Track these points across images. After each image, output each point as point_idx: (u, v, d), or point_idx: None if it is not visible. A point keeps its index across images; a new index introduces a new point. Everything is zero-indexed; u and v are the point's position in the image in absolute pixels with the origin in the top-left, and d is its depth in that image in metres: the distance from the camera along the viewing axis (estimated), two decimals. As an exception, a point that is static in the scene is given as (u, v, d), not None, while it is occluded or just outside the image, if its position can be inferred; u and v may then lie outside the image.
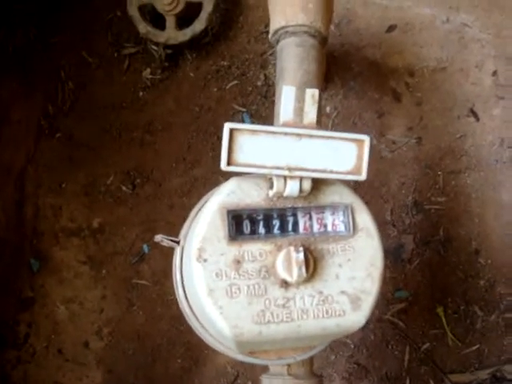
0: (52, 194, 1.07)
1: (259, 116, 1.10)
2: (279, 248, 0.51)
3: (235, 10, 1.14)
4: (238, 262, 0.50)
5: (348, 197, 0.55)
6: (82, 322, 1.04)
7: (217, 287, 0.49)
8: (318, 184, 0.53)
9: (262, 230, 0.52)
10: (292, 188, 0.51)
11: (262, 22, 1.12)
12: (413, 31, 1.14)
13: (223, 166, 0.50)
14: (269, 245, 0.51)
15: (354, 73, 1.12)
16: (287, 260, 0.50)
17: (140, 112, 1.10)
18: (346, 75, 1.12)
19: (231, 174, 0.51)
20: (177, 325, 1.03)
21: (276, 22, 0.74)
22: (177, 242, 0.63)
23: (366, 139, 0.52)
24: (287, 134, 0.51)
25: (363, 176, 0.53)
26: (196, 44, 1.11)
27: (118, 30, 1.12)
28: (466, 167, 1.10)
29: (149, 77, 1.10)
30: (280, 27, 0.73)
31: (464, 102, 1.12)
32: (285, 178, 0.51)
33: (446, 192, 1.09)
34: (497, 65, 1.13)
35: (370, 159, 0.52)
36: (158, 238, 0.62)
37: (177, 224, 0.69)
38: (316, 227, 0.53)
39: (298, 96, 0.52)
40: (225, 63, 1.12)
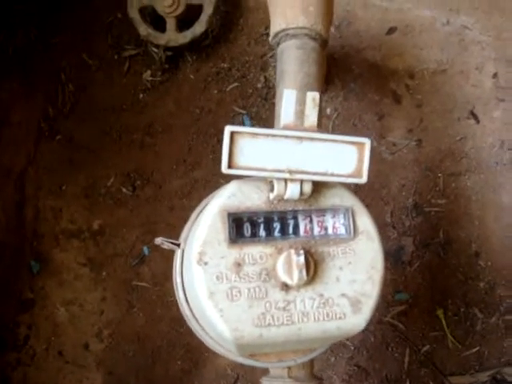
0: (52, 196, 1.07)
1: (259, 118, 1.10)
2: (280, 251, 0.51)
3: (235, 13, 1.14)
4: (238, 265, 0.50)
5: (348, 199, 0.55)
6: (82, 323, 1.04)
7: (217, 290, 0.49)
8: (318, 187, 0.53)
9: (262, 232, 0.52)
10: (293, 191, 0.51)
11: (263, 24, 1.12)
12: (413, 33, 1.14)
13: (224, 169, 0.50)
14: (269, 248, 0.51)
15: (354, 75, 1.12)
16: (288, 263, 0.50)
17: (140, 114, 1.10)
18: (347, 77, 1.12)
19: (232, 175, 0.51)
20: (177, 327, 1.03)
21: (276, 24, 0.74)
22: (177, 245, 0.62)
23: (367, 142, 0.52)
24: (288, 137, 0.51)
25: (364, 179, 0.53)
26: (196, 46, 1.11)
27: (119, 32, 1.12)
28: (466, 169, 1.10)
29: (149, 79, 1.10)
30: (280, 30, 0.73)
31: (464, 104, 1.12)
32: (285, 180, 0.51)
33: (446, 194, 1.09)
34: (497, 67, 1.13)
35: (370, 162, 0.52)
36: (159, 240, 0.61)
37: (177, 226, 0.69)
38: (317, 230, 0.53)
39: (299, 99, 0.52)
40: (225, 65, 1.12)
